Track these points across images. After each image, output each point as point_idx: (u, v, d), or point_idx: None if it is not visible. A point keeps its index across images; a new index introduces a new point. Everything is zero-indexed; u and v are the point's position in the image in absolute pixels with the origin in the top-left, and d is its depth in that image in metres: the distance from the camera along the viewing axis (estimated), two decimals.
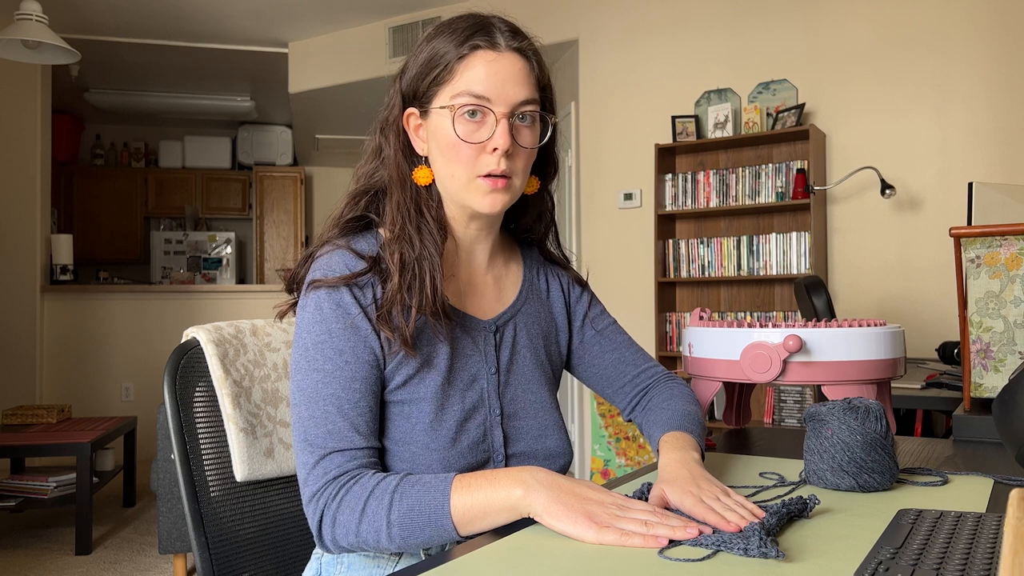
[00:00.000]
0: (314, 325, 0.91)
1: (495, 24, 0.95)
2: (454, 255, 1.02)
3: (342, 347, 0.90)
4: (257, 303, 5.40)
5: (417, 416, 0.94)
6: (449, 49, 0.93)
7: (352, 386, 0.90)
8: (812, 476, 0.97)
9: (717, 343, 1.18)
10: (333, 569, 0.95)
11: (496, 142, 0.92)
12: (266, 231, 7.20)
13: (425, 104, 0.96)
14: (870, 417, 0.95)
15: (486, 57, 0.93)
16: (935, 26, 3.50)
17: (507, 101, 0.93)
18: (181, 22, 4.98)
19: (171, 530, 2.78)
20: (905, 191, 3.54)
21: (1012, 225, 1.33)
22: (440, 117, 0.94)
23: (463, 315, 1.00)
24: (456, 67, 0.93)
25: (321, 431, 0.88)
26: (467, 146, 0.93)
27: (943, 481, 0.98)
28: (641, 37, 4.23)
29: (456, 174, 0.95)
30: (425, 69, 0.95)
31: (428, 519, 0.82)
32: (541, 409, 1.05)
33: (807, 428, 0.99)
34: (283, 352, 1.12)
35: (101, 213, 7.09)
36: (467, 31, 0.94)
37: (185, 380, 1.03)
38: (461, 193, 0.96)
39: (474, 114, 0.92)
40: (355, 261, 0.94)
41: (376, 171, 1.00)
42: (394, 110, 0.99)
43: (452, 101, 0.93)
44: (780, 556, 0.70)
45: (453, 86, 0.93)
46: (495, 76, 0.92)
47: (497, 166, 0.93)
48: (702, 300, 4.02)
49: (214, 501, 1.01)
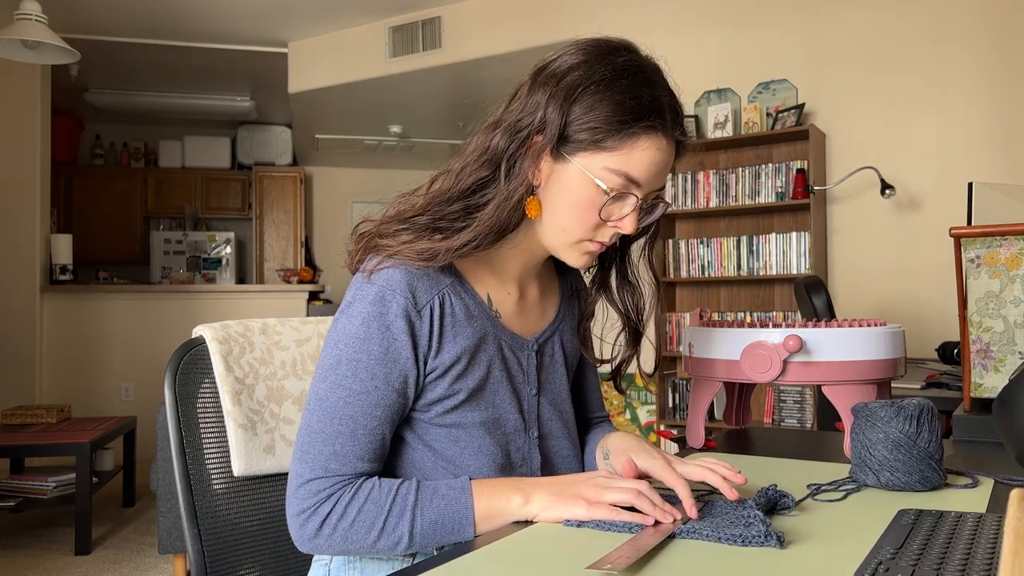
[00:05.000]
0: (354, 341, 0.87)
1: (672, 106, 0.89)
2: (513, 275, 0.99)
3: (376, 371, 0.87)
4: (257, 303, 5.40)
5: (465, 440, 0.93)
6: (620, 115, 0.85)
7: (373, 412, 0.87)
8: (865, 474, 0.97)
9: (717, 343, 1.18)
10: (344, 574, 0.93)
11: (625, 227, 0.90)
12: (266, 231, 7.19)
13: (568, 150, 0.87)
14: (900, 416, 0.95)
15: (655, 144, 0.87)
16: (935, 26, 3.50)
17: (650, 189, 0.90)
18: (181, 22, 4.98)
19: (171, 530, 2.78)
20: (905, 191, 3.54)
21: (1012, 225, 1.33)
22: (578, 175, 0.87)
23: (511, 335, 0.98)
24: (621, 143, 0.86)
25: (326, 449, 0.86)
26: (595, 218, 0.89)
27: (974, 484, 0.98)
28: (641, 37, 4.20)
29: (569, 231, 0.90)
30: (583, 122, 0.86)
31: (452, 529, 0.85)
32: (570, 428, 1.05)
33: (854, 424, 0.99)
34: (292, 351, 1.12)
35: (101, 213, 7.08)
36: (644, 106, 0.86)
37: (188, 376, 1.04)
38: (560, 247, 0.93)
39: (619, 195, 0.88)
40: (424, 284, 0.89)
41: (487, 182, 0.90)
42: (531, 133, 0.88)
43: (603, 175, 0.86)
44: (781, 543, 0.71)
45: (609, 158, 0.86)
46: (654, 167, 0.88)
47: (609, 240, 0.92)
48: (702, 300, 4.02)
49: (213, 495, 1.02)
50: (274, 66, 5.60)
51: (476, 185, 0.90)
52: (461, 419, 0.92)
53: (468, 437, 0.92)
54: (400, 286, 0.88)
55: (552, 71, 0.89)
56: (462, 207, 0.90)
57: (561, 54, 0.90)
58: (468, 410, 0.93)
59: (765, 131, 3.67)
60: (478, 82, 5.26)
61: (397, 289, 0.87)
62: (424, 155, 7.35)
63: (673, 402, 3.97)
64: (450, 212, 0.90)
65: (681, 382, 3.94)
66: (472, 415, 0.93)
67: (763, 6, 3.90)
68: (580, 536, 0.79)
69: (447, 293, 0.91)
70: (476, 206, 0.89)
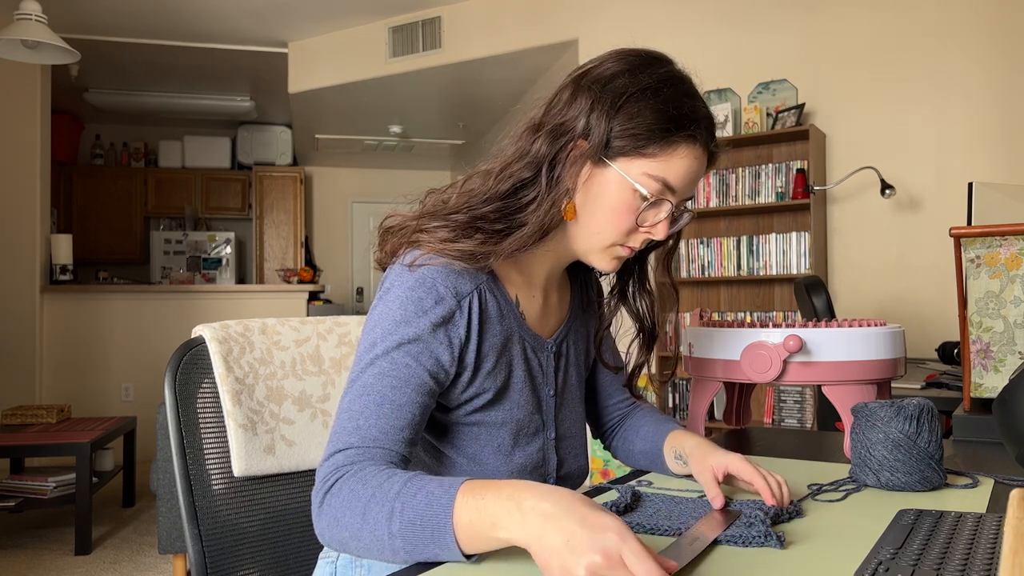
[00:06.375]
0: (391, 324, 0.86)
1: (708, 119, 0.92)
2: (540, 277, 1.00)
3: (410, 350, 0.85)
4: (257, 303, 5.40)
5: (486, 439, 0.93)
6: (662, 124, 0.88)
7: (403, 389, 0.84)
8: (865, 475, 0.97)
9: (717, 343, 1.18)
10: (351, 572, 0.92)
11: (657, 233, 0.92)
12: (266, 231, 7.19)
13: (609, 155, 0.89)
14: (900, 416, 0.95)
15: (692, 153, 0.90)
16: (935, 26, 3.50)
17: (683, 196, 0.92)
18: (181, 22, 4.98)
19: (171, 530, 2.78)
20: (905, 191, 3.53)
21: (1012, 225, 1.33)
22: (617, 180, 0.89)
23: (533, 335, 0.99)
24: (662, 150, 0.88)
25: (350, 425, 0.83)
26: (631, 222, 0.91)
27: (974, 484, 0.98)
28: (641, 37, 4.19)
29: (604, 235, 0.92)
30: (626, 128, 0.88)
31: (431, 533, 0.71)
32: (581, 428, 1.06)
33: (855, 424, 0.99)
34: (292, 351, 1.12)
35: (101, 213, 7.08)
36: (685, 116, 0.89)
37: (188, 376, 1.04)
38: (589, 249, 0.94)
39: (655, 201, 0.90)
40: (464, 278, 0.89)
41: (531, 184, 0.90)
42: (574, 137, 0.89)
43: (643, 180, 0.88)
44: (781, 544, 0.71)
45: (649, 164, 0.88)
46: (690, 174, 0.90)
47: (640, 246, 0.93)
48: (702, 300, 4.02)
49: (213, 495, 1.02)
50: (274, 66, 5.60)
51: (516, 187, 0.90)
52: (485, 418, 0.93)
53: (488, 436, 0.93)
54: (441, 276, 0.88)
55: (595, 77, 0.90)
56: (500, 208, 0.90)
57: (603, 61, 0.92)
58: (493, 409, 0.93)
59: (765, 131, 3.67)
60: (478, 82, 5.26)
61: (438, 279, 0.88)
62: (424, 155, 7.35)
63: (673, 402, 3.97)
64: (489, 212, 0.90)
65: (681, 382, 3.94)
66: (496, 414, 0.93)
67: (763, 6, 3.90)
68: None
69: (484, 289, 0.92)
70: (515, 208, 0.90)
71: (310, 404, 1.11)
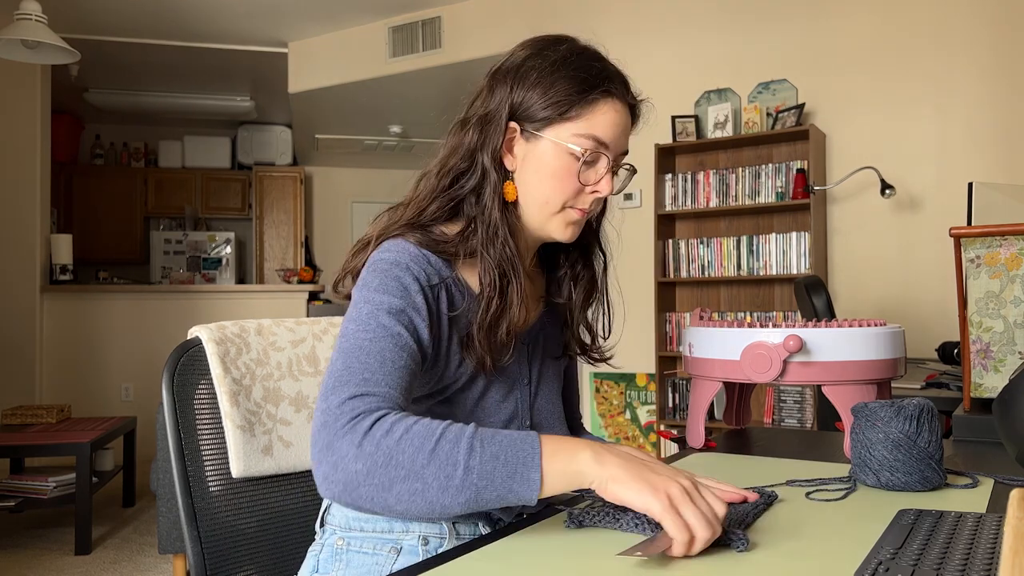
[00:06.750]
0: (373, 294, 0.88)
1: (619, 75, 0.98)
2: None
3: (398, 316, 0.87)
4: (257, 303, 5.40)
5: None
6: (577, 87, 0.94)
7: (399, 353, 0.86)
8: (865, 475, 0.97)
9: (717, 343, 1.17)
10: (331, 566, 0.95)
11: (603, 189, 0.97)
12: (266, 231, 7.20)
13: (535, 128, 0.96)
14: (900, 416, 0.95)
15: (613, 107, 0.96)
16: (935, 26, 3.50)
17: (617, 151, 0.98)
18: (181, 22, 4.98)
19: (171, 530, 2.78)
20: (905, 191, 3.53)
21: (1012, 225, 1.33)
22: (551, 147, 0.95)
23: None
24: (583, 110, 0.94)
25: (356, 378, 0.82)
26: (575, 184, 0.96)
27: (974, 484, 0.98)
28: (641, 37, 4.23)
29: (552, 201, 0.97)
30: (546, 99, 0.94)
31: (515, 467, 0.75)
32: (558, 420, 1.08)
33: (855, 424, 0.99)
34: (288, 352, 1.12)
35: (101, 213, 7.08)
36: (597, 76, 0.95)
37: (185, 377, 1.04)
38: (543, 220, 0.98)
39: (591, 159, 0.95)
40: (439, 264, 0.94)
41: (468, 173, 0.98)
42: (500, 121, 0.96)
43: (574, 140, 0.94)
44: (745, 547, 0.72)
45: (576, 125, 0.94)
46: (616, 127, 0.96)
47: (590, 206, 0.98)
48: (702, 300, 4.02)
49: (211, 497, 1.02)
50: (274, 66, 5.60)
51: (455, 178, 0.98)
52: (453, 403, 0.96)
53: (461, 421, 0.94)
54: (414, 252, 0.93)
55: (507, 68, 0.98)
56: (447, 200, 0.98)
57: (512, 53, 1.00)
58: (462, 394, 0.96)
59: (765, 131, 3.67)
60: (478, 82, 5.25)
61: (414, 254, 0.92)
62: (424, 155, 7.29)
63: (673, 402, 3.97)
64: (437, 208, 0.97)
65: (681, 382, 3.94)
66: (463, 400, 0.96)
67: (763, 6, 3.90)
68: (581, 537, 0.79)
69: (451, 284, 0.96)
70: (459, 197, 0.98)
71: (307, 405, 1.11)
